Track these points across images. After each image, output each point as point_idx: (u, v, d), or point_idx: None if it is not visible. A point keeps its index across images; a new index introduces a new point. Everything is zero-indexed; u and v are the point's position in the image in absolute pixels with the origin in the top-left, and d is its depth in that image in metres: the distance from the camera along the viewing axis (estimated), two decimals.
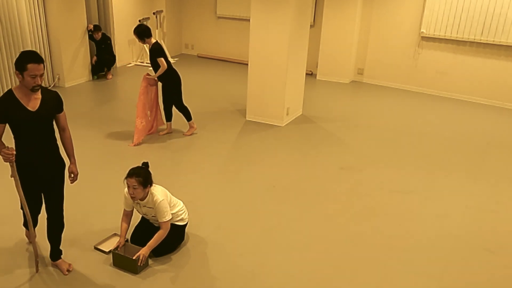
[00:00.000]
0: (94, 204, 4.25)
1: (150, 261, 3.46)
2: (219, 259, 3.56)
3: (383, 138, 6.13)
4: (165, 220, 3.40)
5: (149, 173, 3.41)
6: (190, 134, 5.91)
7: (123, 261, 3.36)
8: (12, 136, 3.05)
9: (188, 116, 5.90)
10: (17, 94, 2.95)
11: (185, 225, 3.66)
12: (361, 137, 6.17)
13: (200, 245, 3.70)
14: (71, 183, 3.28)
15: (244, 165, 5.18)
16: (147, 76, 5.54)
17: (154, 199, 3.38)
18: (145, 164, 3.48)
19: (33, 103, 2.98)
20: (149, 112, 5.71)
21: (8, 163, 2.96)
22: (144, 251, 3.34)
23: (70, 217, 4.01)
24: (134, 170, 3.36)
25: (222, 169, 5.08)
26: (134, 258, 3.30)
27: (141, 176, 3.32)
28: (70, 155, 3.28)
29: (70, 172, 3.25)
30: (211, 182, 4.77)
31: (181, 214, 3.61)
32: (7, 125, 3.01)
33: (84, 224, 3.91)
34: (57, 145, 3.18)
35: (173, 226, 3.54)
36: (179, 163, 5.22)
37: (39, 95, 3.01)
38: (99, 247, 3.59)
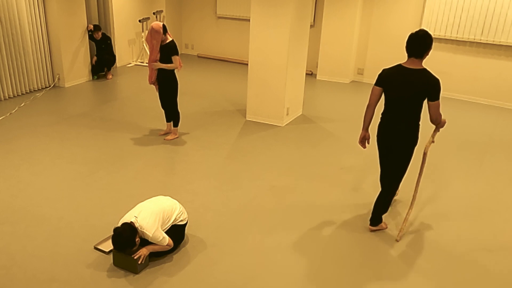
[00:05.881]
0: (94, 204, 4.25)
1: (149, 261, 3.46)
2: (219, 259, 3.56)
3: None
4: (165, 244, 3.42)
5: (129, 239, 3.27)
6: (171, 139, 5.77)
7: (123, 261, 3.36)
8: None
9: (176, 122, 5.81)
10: None
11: (185, 224, 3.66)
12: None
13: (200, 245, 3.70)
14: None
15: (244, 165, 5.18)
16: (152, 64, 5.31)
17: (146, 235, 3.35)
18: (120, 231, 3.30)
19: None
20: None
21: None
22: (144, 251, 3.34)
23: (70, 217, 4.02)
24: (118, 247, 3.30)
25: (222, 169, 5.08)
26: (134, 257, 3.30)
27: (126, 248, 3.29)
28: None
29: None
30: (211, 182, 4.77)
31: (179, 217, 3.60)
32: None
33: (84, 224, 3.91)
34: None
35: (173, 226, 3.54)
36: (179, 163, 5.22)
37: None
38: (99, 247, 3.59)
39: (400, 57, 8.36)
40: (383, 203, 3.92)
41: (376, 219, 3.98)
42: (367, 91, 8.37)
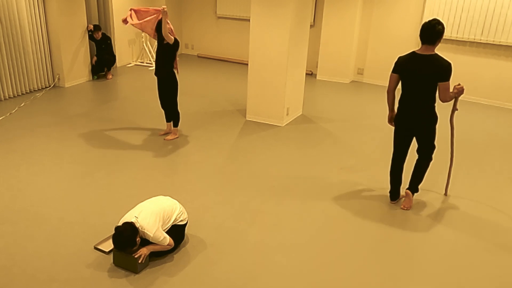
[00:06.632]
0: (94, 204, 4.25)
1: (150, 261, 3.46)
2: (219, 259, 3.56)
3: (383, 138, 6.13)
4: (166, 244, 3.43)
5: (130, 239, 3.28)
6: (171, 139, 5.78)
7: (123, 260, 3.36)
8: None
9: (176, 122, 5.81)
10: None
11: (185, 224, 3.66)
12: (361, 137, 6.17)
13: (200, 245, 3.70)
14: None
15: (244, 165, 5.18)
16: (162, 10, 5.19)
17: (146, 235, 3.36)
18: (120, 231, 3.30)
19: None
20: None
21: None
22: (144, 250, 3.34)
23: (70, 217, 4.02)
24: (118, 246, 3.29)
25: (222, 169, 5.08)
26: (135, 256, 3.30)
27: (127, 247, 3.29)
28: None
29: None
30: (211, 182, 4.77)
31: (180, 217, 3.60)
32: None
33: (84, 224, 3.91)
34: None
35: (173, 226, 3.54)
36: (179, 163, 5.22)
37: None
38: (99, 247, 3.59)
39: None
40: (420, 171, 4.28)
41: (413, 186, 4.35)
42: (367, 91, 8.38)
